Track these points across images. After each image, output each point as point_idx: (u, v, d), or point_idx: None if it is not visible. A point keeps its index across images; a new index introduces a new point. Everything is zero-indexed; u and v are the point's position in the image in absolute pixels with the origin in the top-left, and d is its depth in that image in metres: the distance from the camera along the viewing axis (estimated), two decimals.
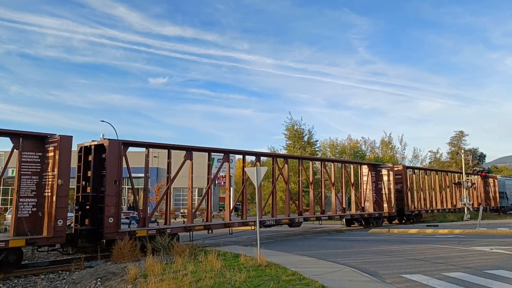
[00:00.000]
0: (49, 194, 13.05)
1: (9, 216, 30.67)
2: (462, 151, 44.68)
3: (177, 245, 13.22)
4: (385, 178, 28.41)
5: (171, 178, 17.12)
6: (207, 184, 18.66)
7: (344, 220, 27.58)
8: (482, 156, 69.85)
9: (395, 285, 8.44)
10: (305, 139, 42.52)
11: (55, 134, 13.48)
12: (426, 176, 35.08)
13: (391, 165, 29.27)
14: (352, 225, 27.56)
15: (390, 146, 52.30)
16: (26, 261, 15.06)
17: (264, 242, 17.26)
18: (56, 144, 13.26)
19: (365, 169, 28.57)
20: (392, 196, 27.94)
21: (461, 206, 36.61)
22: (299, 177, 23.88)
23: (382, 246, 15.81)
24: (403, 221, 30.79)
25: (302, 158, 26.30)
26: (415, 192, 32.19)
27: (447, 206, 36.59)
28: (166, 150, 17.49)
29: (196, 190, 48.15)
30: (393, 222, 30.81)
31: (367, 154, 49.24)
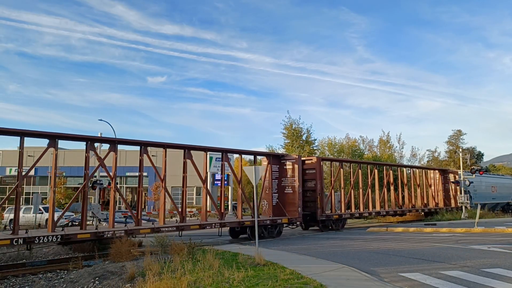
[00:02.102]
0: None
1: (6, 215, 30.64)
2: (460, 150, 44.73)
3: (175, 244, 13.22)
4: (289, 173, 21.64)
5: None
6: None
7: (226, 229, 19.99)
8: (480, 155, 70.02)
9: (393, 284, 8.45)
10: (304, 138, 42.51)
11: None
12: (360, 170, 28.15)
13: (296, 156, 21.83)
14: (241, 236, 20.35)
15: (388, 145, 52.32)
16: (24, 260, 15.06)
17: (262, 241, 17.27)
18: None
19: (264, 162, 22.44)
20: (297, 196, 21.03)
21: (418, 208, 31.91)
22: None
23: (380, 244, 15.85)
24: (319, 229, 23.64)
25: (191, 148, 18.30)
26: (342, 191, 25.79)
27: (388, 207, 29.35)
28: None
29: (194, 189, 48.06)
30: (310, 228, 24.50)
31: (365, 153, 49.27)
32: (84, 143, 15.27)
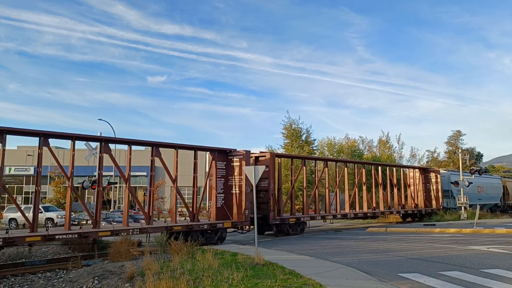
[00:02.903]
0: None
1: (6, 215, 30.62)
2: (460, 150, 44.66)
3: (174, 244, 13.23)
4: (236, 171, 18.66)
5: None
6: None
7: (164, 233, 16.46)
8: (479, 156, 70.13)
9: (392, 284, 8.46)
10: (303, 138, 42.49)
11: None
12: (326, 168, 24.57)
13: (243, 152, 18.55)
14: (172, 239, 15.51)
15: (388, 145, 52.28)
16: (23, 259, 15.05)
17: (262, 241, 17.28)
18: None
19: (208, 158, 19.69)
20: (244, 197, 18.20)
21: (393, 209, 28.80)
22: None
23: (379, 245, 15.86)
24: (274, 234, 20.78)
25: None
26: (304, 191, 23.19)
27: (359, 209, 26.44)
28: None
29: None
30: (266, 233, 21.43)
31: (365, 153, 49.26)
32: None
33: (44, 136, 14.22)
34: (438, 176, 33.17)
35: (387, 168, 30.82)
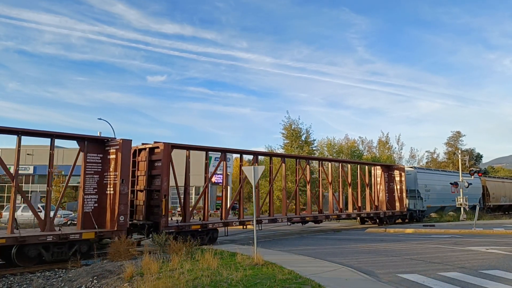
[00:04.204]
0: None
1: (5, 214, 30.53)
2: (459, 151, 44.63)
3: (173, 244, 13.23)
4: (112, 166, 15.02)
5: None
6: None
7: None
8: (478, 157, 70.23)
9: (391, 285, 8.47)
10: (303, 138, 42.54)
11: None
12: (256, 164, 19.70)
13: (120, 141, 15.01)
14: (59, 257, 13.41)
15: (387, 146, 52.36)
16: None
17: (261, 241, 17.27)
18: None
19: (78, 153, 15.18)
20: (117, 200, 14.58)
21: (342, 213, 25.02)
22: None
23: (378, 245, 15.87)
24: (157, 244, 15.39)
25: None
26: (223, 191, 19.99)
27: (302, 212, 23.33)
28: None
29: (193, 188, 48.20)
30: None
31: (365, 154, 49.29)
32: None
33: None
34: (403, 174, 29.09)
35: (340, 164, 26.79)
